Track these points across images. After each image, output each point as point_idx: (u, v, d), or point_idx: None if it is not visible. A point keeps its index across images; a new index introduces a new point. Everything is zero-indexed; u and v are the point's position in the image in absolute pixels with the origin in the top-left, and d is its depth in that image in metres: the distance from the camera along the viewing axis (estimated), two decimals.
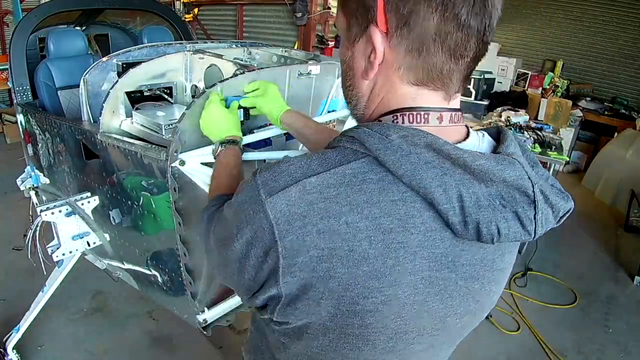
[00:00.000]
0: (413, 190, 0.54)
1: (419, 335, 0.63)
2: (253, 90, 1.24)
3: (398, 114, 0.60)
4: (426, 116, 0.59)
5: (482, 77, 5.09)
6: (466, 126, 0.64)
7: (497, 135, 0.65)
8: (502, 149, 0.59)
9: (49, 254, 1.79)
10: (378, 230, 0.54)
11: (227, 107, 1.18)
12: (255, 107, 1.22)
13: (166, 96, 1.86)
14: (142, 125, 1.57)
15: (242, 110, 1.18)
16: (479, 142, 0.63)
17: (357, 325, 0.58)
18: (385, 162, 0.54)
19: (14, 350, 2.27)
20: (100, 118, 1.55)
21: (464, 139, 0.61)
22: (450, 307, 0.63)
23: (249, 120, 1.22)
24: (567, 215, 0.61)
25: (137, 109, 1.65)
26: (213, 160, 1.24)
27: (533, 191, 0.55)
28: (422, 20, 0.54)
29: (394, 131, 0.55)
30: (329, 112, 1.62)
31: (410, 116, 0.59)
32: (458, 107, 0.62)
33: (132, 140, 1.46)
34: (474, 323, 0.71)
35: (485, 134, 0.65)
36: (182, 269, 1.38)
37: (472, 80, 4.94)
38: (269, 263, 0.57)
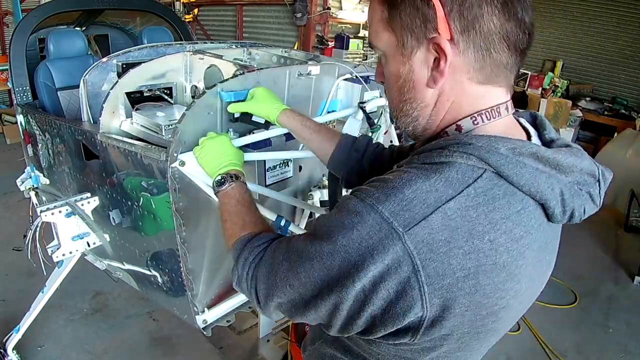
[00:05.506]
0: (527, 195, 0.61)
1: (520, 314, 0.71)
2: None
3: (476, 115, 0.64)
4: (498, 110, 0.65)
5: None
6: (513, 115, 0.69)
7: (533, 120, 0.73)
8: (549, 135, 0.69)
9: (49, 254, 1.79)
10: (512, 240, 0.60)
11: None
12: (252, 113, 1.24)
13: (166, 97, 1.86)
14: (142, 125, 1.57)
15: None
16: (535, 137, 0.69)
17: (490, 322, 0.64)
18: (507, 176, 0.59)
19: (14, 351, 2.27)
20: (100, 118, 1.55)
21: (528, 139, 0.68)
22: (540, 282, 0.71)
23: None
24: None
25: (137, 109, 1.65)
26: None
27: (598, 172, 0.65)
28: (486, 23, 0.58)
29: (501, 144, 0.59)
30: (328, 112, 1.62)
31: (487, 113, 0.64)
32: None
33: (132, 141, 1.46)
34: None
35: (524, 121, 0.71)
36: (182, 269, 1.38)
37: None
38: (409, 293, 0.56)
